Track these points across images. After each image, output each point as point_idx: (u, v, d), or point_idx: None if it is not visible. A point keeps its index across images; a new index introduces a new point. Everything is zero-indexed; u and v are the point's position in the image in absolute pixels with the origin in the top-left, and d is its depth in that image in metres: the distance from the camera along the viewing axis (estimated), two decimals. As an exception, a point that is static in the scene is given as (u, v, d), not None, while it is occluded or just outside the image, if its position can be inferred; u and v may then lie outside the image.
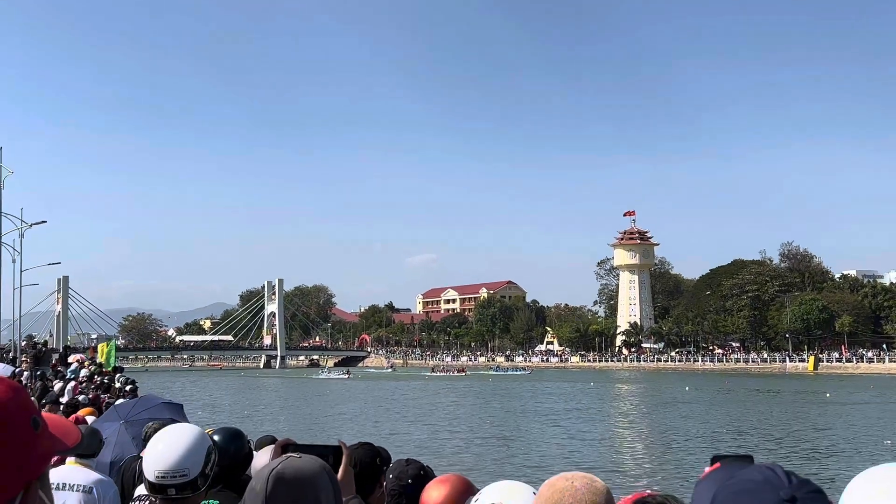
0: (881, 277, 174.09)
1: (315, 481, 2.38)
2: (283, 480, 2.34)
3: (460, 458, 31.43)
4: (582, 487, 2.15)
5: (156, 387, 64.17)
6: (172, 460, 3.35)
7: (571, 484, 2.16)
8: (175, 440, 3.43)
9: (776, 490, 1.57)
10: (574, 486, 2.15)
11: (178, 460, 3.35)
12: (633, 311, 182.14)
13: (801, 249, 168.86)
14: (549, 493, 2.16)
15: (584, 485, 2.17)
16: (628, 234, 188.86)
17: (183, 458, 3.37)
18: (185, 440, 3.43)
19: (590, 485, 2.17)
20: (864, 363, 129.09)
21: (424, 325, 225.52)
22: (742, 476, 1.65)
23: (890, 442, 35.24)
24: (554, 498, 2.14)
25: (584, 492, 2.14)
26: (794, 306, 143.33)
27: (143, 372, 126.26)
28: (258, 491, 2.35)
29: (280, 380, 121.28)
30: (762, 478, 1.62)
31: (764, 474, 1.62)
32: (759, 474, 1.63)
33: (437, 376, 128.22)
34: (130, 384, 29.10)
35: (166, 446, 3.40)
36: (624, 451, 35.57)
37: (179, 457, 3.36)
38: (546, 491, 2.18)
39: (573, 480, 2.18)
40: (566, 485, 2.17)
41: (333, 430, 41.88)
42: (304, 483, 2.36)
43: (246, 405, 64.64)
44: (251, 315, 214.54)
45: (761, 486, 1.59)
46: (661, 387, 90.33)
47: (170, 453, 3.37)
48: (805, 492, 1.58)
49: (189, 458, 3.38)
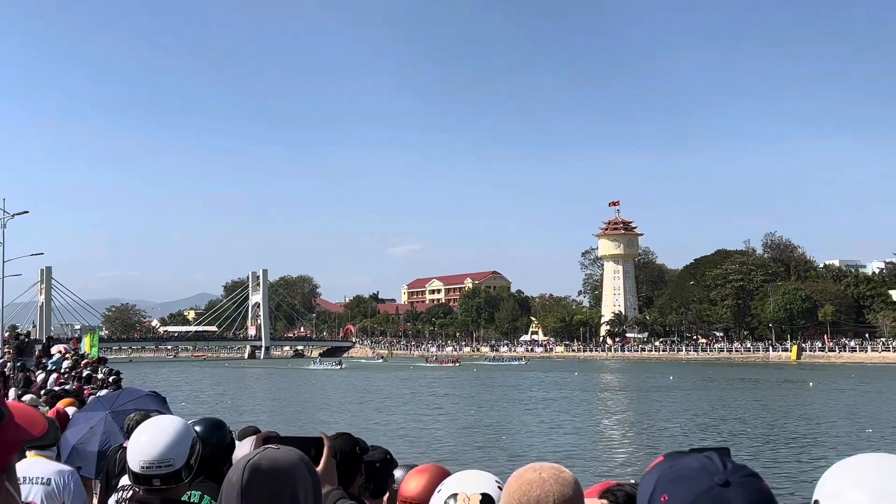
0: (863, 267, 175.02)
1: (292, 473, 2.36)
2: (260, 471, 2.33)
3: (441, 446, 31.48)
4: (550, 478, 2.16)
5: (140, 378, 64.11)
6: (157, 451, 3.35)
7: (539, 475, 2.17)
8: (160, 431, 3.43)
9: (711, 476, 1.63)
10: (542, 477, 2.16)
11: (163, 451, 3.36)
12: (618, 301, 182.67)
13: (784, 240, 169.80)
14: (517, 484, 2.17)
15: (552, 475, 2.17)
16: (613, 224, 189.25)
17: (168, 448, 3.37)
18: (170, 431, 3.44)
19: (557, 475, 2.18)
20: (847, 352, 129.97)
21: (409, 316, 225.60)
22: (680, 464, 1.71)
23: (871, 430, 35.53)
24: (522, 489, 2.15)
25: (552, 482, 2.16)
26: (778, 296, 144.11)
27: (128, 363, 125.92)
28: (234, 482, 2.34)
29: (265, 370, 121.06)
30: (699, 465, 1.68)
31: (701, 462, 1.69)
32: (697, 462, 1.69)
33: (431, 367, 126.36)
34: (114, 375, 29.01)
35: (151, 437, 3.40)
36: (605, 440, 35.72)
37: (164, 447, 3.37)
38: (514, 482, 2.18)
39: (541, 471, 2.19)
40: (534, 476, 2.17)
41: (321, 421, 41.88)
42: (280, 474, 2.34)
43: (231, 396, 64.55)
44: (235, 305, 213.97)
45: (698, 473, 1.65)
46: (645, 376, 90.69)
47: (155, 444, 3.37)
48: (739, 476, 1.64)
49: (174, 448, 3.38)
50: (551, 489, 2.14)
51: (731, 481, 1.62)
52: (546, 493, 2.13)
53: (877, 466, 1.71)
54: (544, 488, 2.13)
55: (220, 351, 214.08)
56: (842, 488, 1.69)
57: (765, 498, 1.64)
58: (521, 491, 2.14)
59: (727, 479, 1.62)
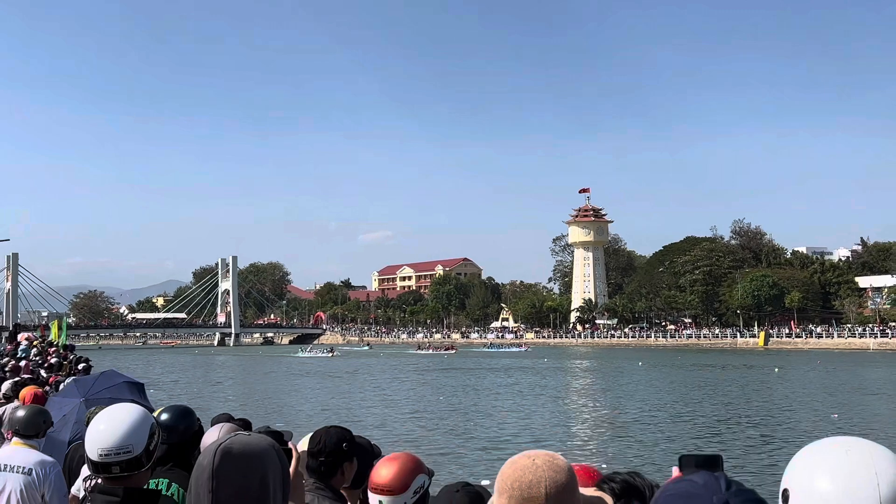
0: (830, 254, 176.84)
1: (263, 457, 2.38)
2: (231, 455, 2.34)
3: (412, 436, 31.51)
4: (543, 464, 2.18)
5: (109, 366, 63.42)
6: (115, 438, 3.30)
7: (533, 462, 2.19)
8: (117, 419, 3.39)
9: (711, 494, 1.63)
10: (535, 464, 2.18)
11: (121, 438, 3.31)
12: (588, 288, 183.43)
13: (752, 227, 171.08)
14: (510, 470, 2.19)
15: (546, 461, 2.19)
16: (583, 211, 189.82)
17: (126, 435, 3.32)
18: (128, 418, 3.39)
19: (551, 462, 2.20)
20: (813, 338, 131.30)
21: (380, 303, 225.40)
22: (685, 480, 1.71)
23: (836, 416, 35.93)
24: (516, 475, 2.17)
25: (545, 468, 2.17)
26: (745, 283, 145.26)
27: (97, 350, 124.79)
28: (205, 465, 2.35)
29: (240, 358, 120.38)
30: (702, 482, 1.67)
31: (704, 479, 1.68)
32: (701, 479, 1.69)
33: (423, 354, 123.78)
34: (84, 363, 28.71)
35: (108, 425, 3.35)
36: (574, 426, 35.87)
37: (122, 434, 3.31)
38: (508, 468, 2.20)
39: (535, 458, 2.21)
40: (527, 462, 2.19)
41: (303, 415, 41.73)
42: (251, 458, 2.36)
43: (203, 384, 64.17)
44: (205, 292, 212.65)
45: (699, 490, 1.65)
46: (615, 362, 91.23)
47: (112, 431, 3.32)
48: (740, 499, 1.63)
49: (132, 435, 3.34)
50: (544, 475, 2.15)
51: (730, 502, 1.61)
52: (538, 479, 2.14)
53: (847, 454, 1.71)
54: (537, 474, 2.15)
55: (190, 338, 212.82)
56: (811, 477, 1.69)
57: None
58: (515, 476, 2.16)
59: (727, 500, 1.61)
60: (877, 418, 36.16)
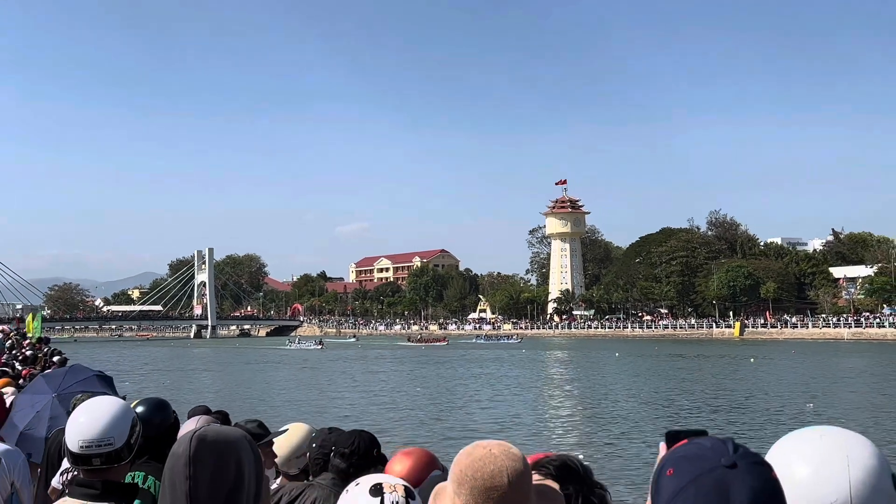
0: (805, 245, 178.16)
1: (238, 446, 2.42)
2: (206, 442, 2.38)
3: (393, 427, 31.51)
4: (500, 454, 2.19)
5: (85, 358, 62.89)
6: (97, 430, 3.27)
7: (489, 451, 2.20)
8: (99, 411, 3.35)
9: (719, 456, 1.64)
10: (493, 453, 2.19)
11: (102, 430, 3.27)
12: (565, 279, 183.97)
13: (727, 218, 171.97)
14: (468, 461, 2.19)
15: (502, 451, 2.21)
16: (560, 202, 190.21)
17: (108, 427, 3.28)
18: (110, 411, 3.35)
19: (507, 451, 2.22)
20: (788, 328, 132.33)
21: (358, 294, 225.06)
22: (693, 443, 1.73)
23: (811, 405, 36.23)
24: (475, 465, 2.17)
25: (504, 458, 2.18)
26: (721, 273, 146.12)
27: (72, 343, 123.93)
28: (181, 452, 2.39)
29: (214, 350, 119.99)
30: (710, 445, 1.69)
31: (713, 442, 1.71)
32: (709, 442, 1.71)
33: (415, 346, 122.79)
34: (58, 356, 28.51)
35: (90, 417, 3.31)
36: (549, 415, 36.00)
37: (104, 426, 3.28)
38: (465, 459, 2.20)
39: (490, 448, 2.22)
40: (484, 452, 2.20)
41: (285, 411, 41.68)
42: (226, 445, 2.41)
43: (180, 376, 63.89)
44: (181, 284, 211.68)
45: (706, 453, 1.67)
46: (592, 353, 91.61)
47: (94, 423, 3.28)
48: (748, 461, 1.65)
49: (114, 427, 3.30)
50: (504, 464, 2.17)
51: (738, 464, 1.63)
52: (500, 468, 2.15)
53: (822, 441, 1.76)
54: (497, 463, 2.16)
55: (166, 330, 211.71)
56: (786, 462, 1.74)
57: (769, 487, 1.64)
58: (475, 467, 2.16)
59: (735, 461, 1.63)
60: (851, 407, 36.50)
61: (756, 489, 1.60)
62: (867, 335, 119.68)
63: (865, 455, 1.72)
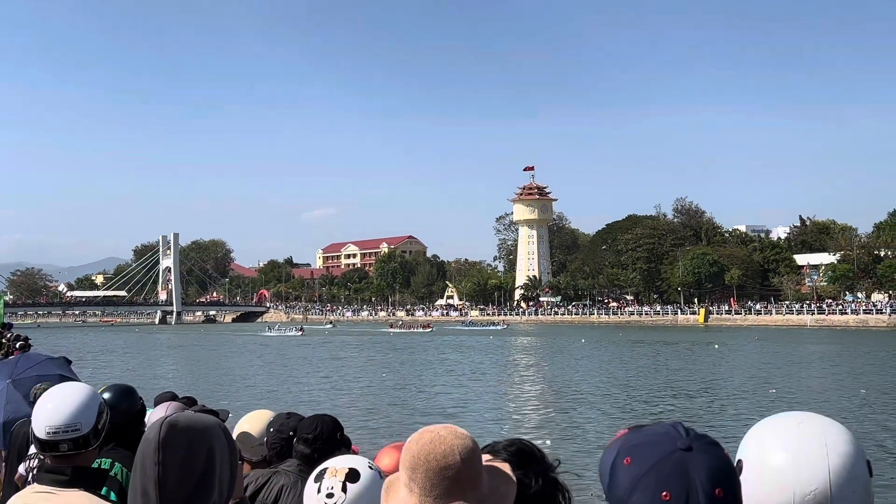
0: (769, 233, 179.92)
1: (209, 432, 2.43)
2: (177, 428, 2.38)
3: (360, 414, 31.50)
4: (448, 435, 2.24)
5: (49, 344, 62.35)
6: (64, 416, 3.25)
7: (438, 434, 2.25)
8: (66, 397, 3.33)
9: (674, 441, 1.69)
10: (441, 435, 2.24)
11: (69, 416, 3.25)
12: (532, 266, 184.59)
13: (693, 205, 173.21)
14: (418, 446, 2.24)
15: (450, 432, 2.26)
16: (527, 189, 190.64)
17: (75, 413, 3.27)
18: (76, 396, 3.34)
19: (455, 432, 2.26)
20: (752, 315, 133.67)
21: (325, 280, 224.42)
22: (644, 431, 1.78)
23: (774, 390, 36.63)
24: (425, 448, 2.21)
25: (452, 438, 2.23)
26: (686, 260, 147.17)
27: (35, 329, 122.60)
28: (152, 438, 2.38)
29: (179, 336, 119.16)
30: (663, 431, 1.74)
31: (665, 429, 1.75)
32: (661, 428, 1.76)
33: (399, 332, 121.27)
34: (22, 340, 28.16)
35: (57, 403, 3.30)
36: (514, 401, 36.15)
37: (71, 412, 3.26)
38: (414, 445, 2.25)
39: (438, 430, 2.27)
40: (433, 435, 2.25)
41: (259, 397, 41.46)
42: (198, 432, 2.41)
43: (145, 363, 63.42)
44: (146, 270, 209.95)
45: (661, 438, 1.71)
46: (558, 339, 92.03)
47: (61, 409, 3.27)
48: (702, 443, 1.70)
49: (81, 414, 3.28)
50: (453, 443, 2.22)
51: (693, 447, 1.67)
52: (450, 448, 2.20)
53: (798, 427, 1.80)
54: (446, 443, 2.21)
55: (130, 316, 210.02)
56: (763, 447, 1.79)
57: (725, 465, 1.68)
58: (426, 451, 2.21)
59: (690, 444, 1.67)
60: (813, 392, 36.96)
61: (714, 469, 1.65)
62: (829, 322, 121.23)
63: (842, 442, 1.75)
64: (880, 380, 41.39)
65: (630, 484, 1.66)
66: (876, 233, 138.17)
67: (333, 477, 2.73)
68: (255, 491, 4.21)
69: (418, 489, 2.22)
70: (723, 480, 1.64)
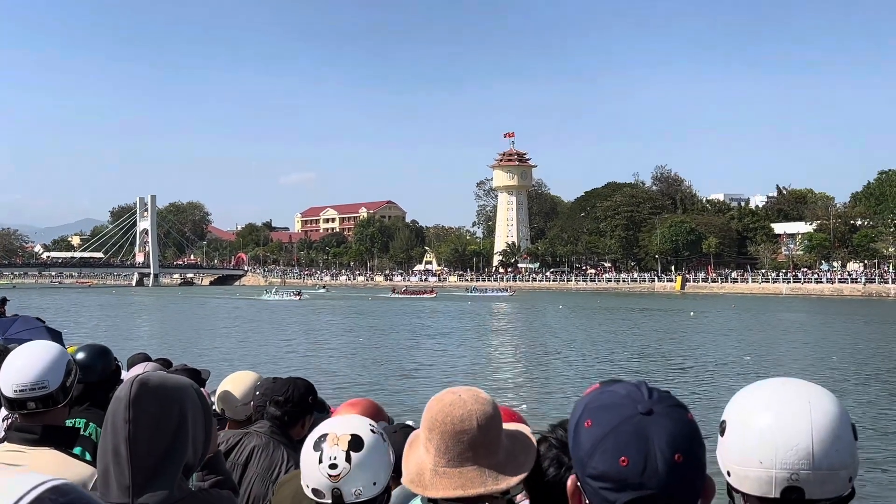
0: (748, 201, 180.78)
1: (181, 392, 2.39)
2: (148, 387, 2.34)
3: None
4: (469, 399, 2.25)
5: (26, 305, 61.88)
6: (31, 374, 3.23)
7: (459, 396, 2.26)
8: (33, 355, 3.31)
9: (635, 404, 1.65)
10: (462, 398, 2.25)
11: (36, 374, 3.24)
12: (511, 232, 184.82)
13: (672, 173, 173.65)
14: (438, 406, 2.26)
15: (472, 396, 2.27)
16: (507, 155, 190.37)
17: (42, 371, 3.25)
18: (44, 355, 3.32)
19: (476, 395, 2.28)
20: (729, 283, 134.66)
21: (303, 244, 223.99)
22: (608, 391, 1.73)
23: (749, 358, 36.96)
24: (444, 410, 2.23)
25: (472, 402, 2.25)
26: (664, 228, 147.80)
27: (11, 289, 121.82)
28: (122, 395, 2.35)
29: (154, 298, 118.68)
30: (625, 392, 1.69)
31: (627, 389, 1.70)
32: (623, 389, 1.71)
33: (401, 298, 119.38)
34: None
35: (23, 362, 3.28)
36: (494, 366, 36.29)
37: (38, 370, 3.25)
38: (435, 405, 2.27)
39: (460, 393, 2.28)
40: (454, 398, 2.26)
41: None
42: (169, 391, 2.37)
43: (123, 324, 63.19)
44: (122, 232, 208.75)
45: (622, 400, 1.67)
46: (536, 305, 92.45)
47: (27, 367, 3.25)
48: (664, 406, 1.66)
49: (48, 371, 3.27)
50: (473, 407, 2.23)
51: (654, 410, 1.64)
52: (469, 412, 2.22)
53: (783, 388, 1.80)
54: (465, 407, 2.23)
55: (107, 278, 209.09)
56: (749, 411, 1.78)
57: (687, 430, 1.65)
58: (444, 412, 2.23)
59: (651, 407, 1.64)
60: (787, 359, 37.35)
61: (675, 433, 1.62)
62: (805, 290, 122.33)
63: (826, 402, 1.76)
64: (852, 348, 41.83)
65: (591, 447, 1.65)
66: (853, 203, 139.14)
67: (335, 445, 2.58)
68: (227, 450, 4.25)
69: (433, 449, 2.23)
70: (683, 445, 1.62)
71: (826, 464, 1.70)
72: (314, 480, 2.58)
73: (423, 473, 2.26)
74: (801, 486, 1.71)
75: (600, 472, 1.62)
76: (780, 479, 1.72)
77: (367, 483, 2.59)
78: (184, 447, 2.35)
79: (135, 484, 2.28)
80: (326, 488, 2.57)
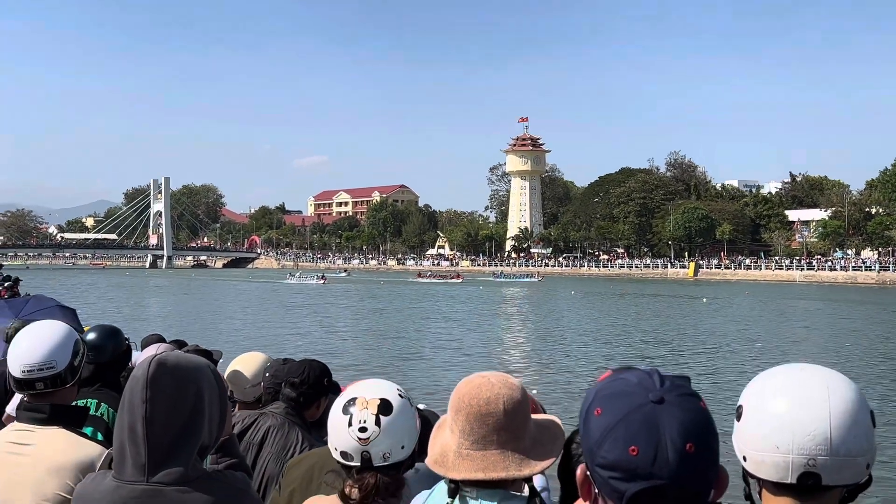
0: (762, 187, 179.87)
1: (198, 372, 2.41)
2: (166, 365, 2.36)
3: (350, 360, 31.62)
4: (497, 382, 2.27)
5: (39, 286, 62.09)
6: (39, 354, 3.22)
7: (488, 380, 2.28)
8: (41, 335, 3.30)
9: (647, 392, 1.63)
10: (491, 382, 2.27)
11: (44, 354, 3.23)
12: (524, 217, 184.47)
13: (686, 159, 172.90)
14: (466, 388, 2.27)
15: (500, 380, 2.28)
16: (521, 140, 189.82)
17: (50, 351, 3.24)
18: (52, 335, 3.30)
19: (505, 380, 2.30)
20: (742, 270, 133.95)
21: (316, 228, 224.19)
22: (619, 379, 1.71)
23: (761, 344, 36.88)
24: (472, 392, 2.24)
25: (500, 386, 2.26)
26: (677, 214, 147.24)
27: (25, 270, 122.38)
28: (139, 375, 2.36)
29: (167, 280, 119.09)
30: (636, 380, 1.67)
31: (639, 377, 1.68)
32: (635, 377, 1.69)
33: (427, 282, 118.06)
34: (9, 281, 28.10)
35: (31, 341, 3.26)
36: (506, 351, 36.31)
37: (46, 350, 3.23)
38: (464, 388, 2.28)
39: (489, 377, 2.30)
40: (483, 381, 2.27)
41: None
42: (186, 370, 2.39)
43: (137, 305, 63.44)
44: (136, 214, 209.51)
45: (633, 389, 1.65)
46: (549, 290, 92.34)
47: (35, 347, 3.23)
48: (675, 394, 1.63)
49: (56, 351, 3.25)
50: (500, 391, 2.24)
51: (665, 398, 1.62)
52: (496, 395, 2.23)
53: (802, 373, 1.79)
54: (493, 391, 2.24)
55: (121, 259, 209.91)
56: (767, 395, 1.77)
57: (699, 418, 1.63)
58: (472, 394, 2.24)
59: (662, 396, 1.62)
60: (799, 346, 37.27)
61: (686, 422, 1.60)
62: (819, 277, 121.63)
63: (845, 388, 1.75)
64: (867, 335, 41.66)
65: (600, 435, 1.63)
66: (868, 190, 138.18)
67: (365, 409, 2.60)
68: (242, 431, 4.26)
69: (458, 431, 2.25)
70: (695, 434, 1.59)
71: (844, 450, 1.69)
72: (343, 443, 2.61)
73: (446, 454, 2.27)
74: (818, 471, 1.70)
75: (610, 461, 1.60)
76: (797, 464, 1.70)
77: (396, 447, 2.62)
78: (199, 427, 2.37)
79: (150, 462, 2.30)
80: (356, 451, 2.59)
